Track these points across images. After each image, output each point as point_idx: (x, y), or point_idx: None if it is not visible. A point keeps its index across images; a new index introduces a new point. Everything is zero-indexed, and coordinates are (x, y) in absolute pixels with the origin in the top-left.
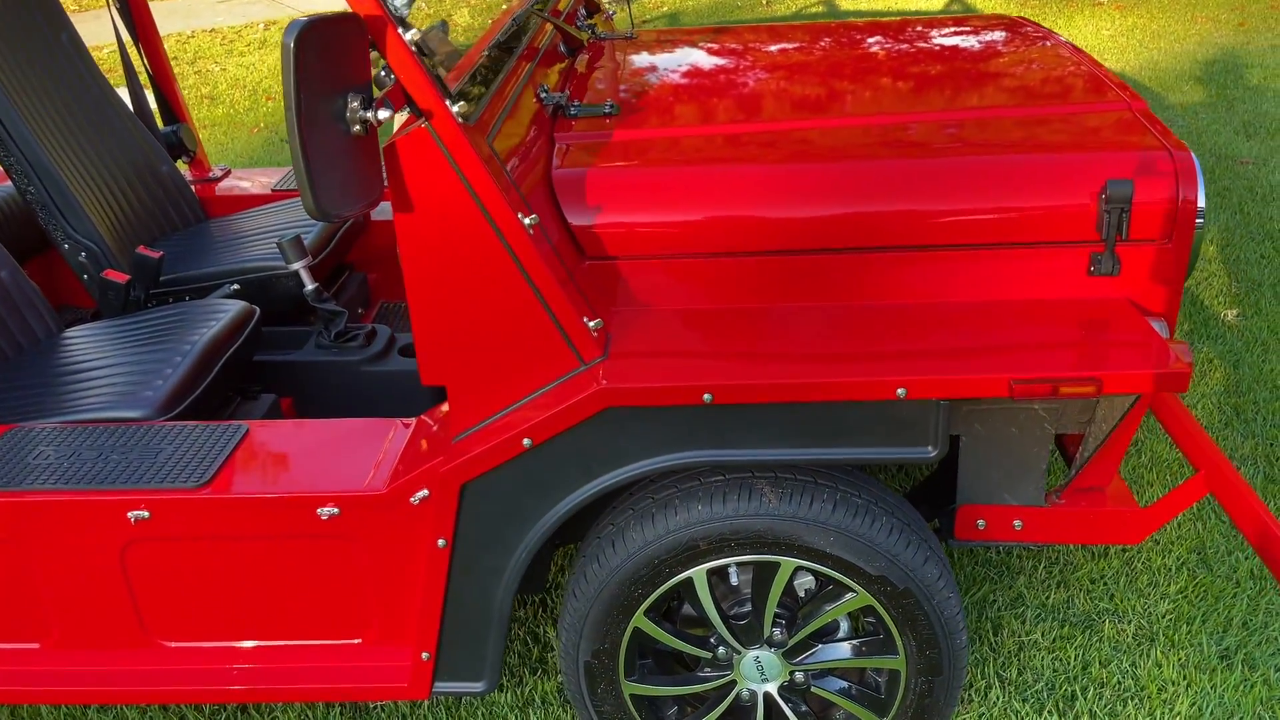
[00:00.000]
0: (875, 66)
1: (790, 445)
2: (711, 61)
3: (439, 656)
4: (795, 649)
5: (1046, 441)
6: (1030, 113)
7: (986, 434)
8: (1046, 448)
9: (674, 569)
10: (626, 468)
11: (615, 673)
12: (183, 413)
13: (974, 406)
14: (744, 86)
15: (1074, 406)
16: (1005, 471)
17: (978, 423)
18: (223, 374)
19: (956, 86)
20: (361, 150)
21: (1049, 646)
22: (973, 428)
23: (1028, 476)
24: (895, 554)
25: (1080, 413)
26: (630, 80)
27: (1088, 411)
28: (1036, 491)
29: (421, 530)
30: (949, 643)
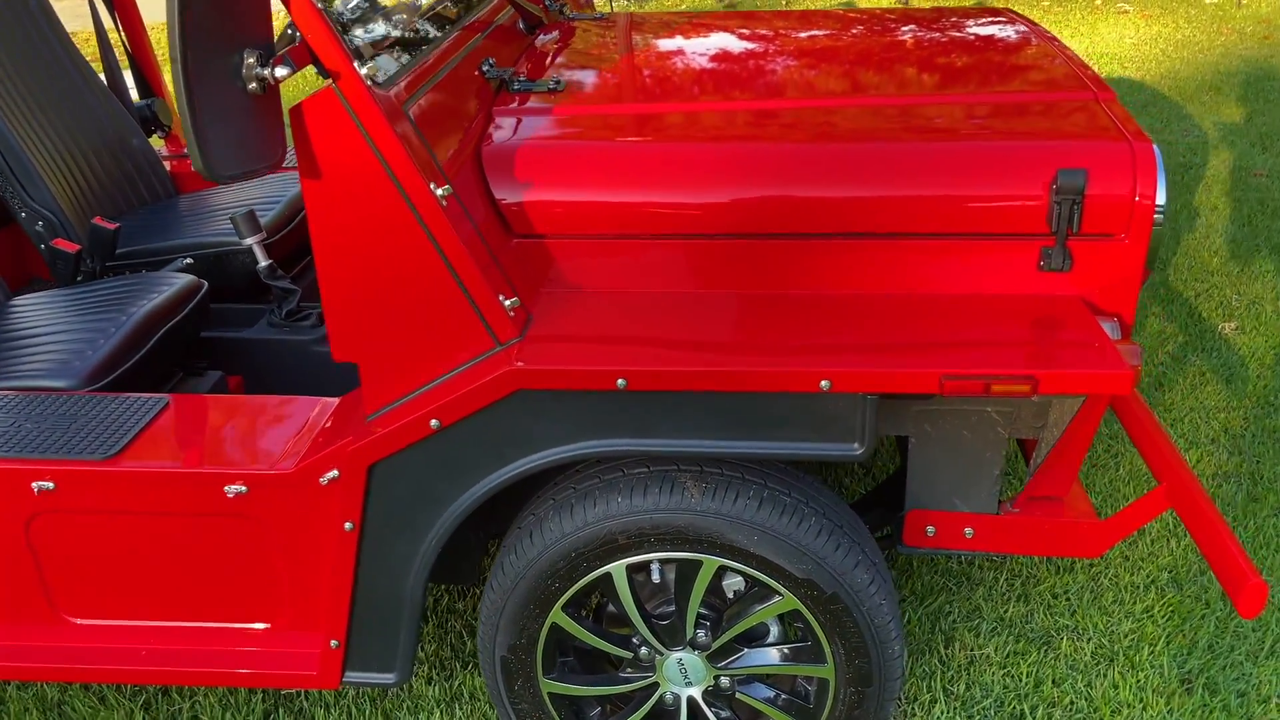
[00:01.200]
0: (832, 51)
1: (710, 436)
2: (675, 44)
3: (349, 645)
4: (720, 652)
5: (1000, 445)
6: (985, 99)
7: (936, 436)
8: (1000, 452)
9: (592, 563)
10: (540, 454)
11: (532, 669)
12: (112, 385)
13: (923, 406)
14: (700, 68)
15: (1028, 409)
16: (956, 476)
17: (927, 424)
18: (161, 347)
19: (912, 71)
20: (260, 109)
21: (1001, 662)
22: (922, 429)
23: (979, 482)
24: (823, 556)
25: (1035, 416)
26: (587, 59)
27: (1043, 415)
28: (989, 498)
29: (330, 512)
30: (880, 652)
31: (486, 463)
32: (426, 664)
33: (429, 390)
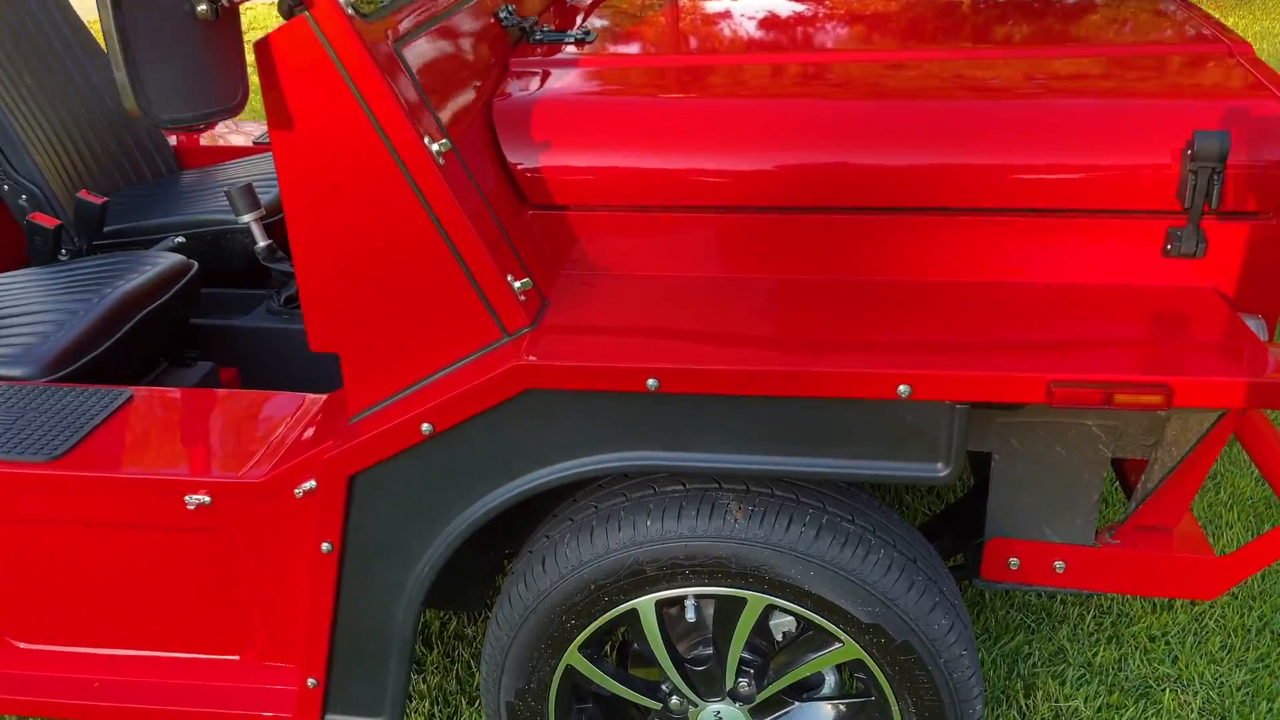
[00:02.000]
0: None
1: (758, 451)
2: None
3: (329, 684)
4: (765, 706)
5: (1101, 466)
6: (1098, 51)
7: (1025, 453)
8: (1100, 474)
9: (615, 597)
10: (554, 467)
11: (544, 716)
12: (79, 374)
13: (1010, 418)
14: (753, 18)
15: (1138, 424)
16: (1047, 500)
17: (1014, 438)
18: (140, 333)
19: (1005, 22)
20: (212, 40)
21: (1093, 717)
22: (1008, 444)
23: (1075, 508)
24: (893, 597)
25: (1146, 433)
26: (623, 13)
27: (1155, 431)
28: (1086, 527)
29: (306, 530)
30: (958, 711)
31: (490, 476)
32: (428, 699)
33: (422, 389)
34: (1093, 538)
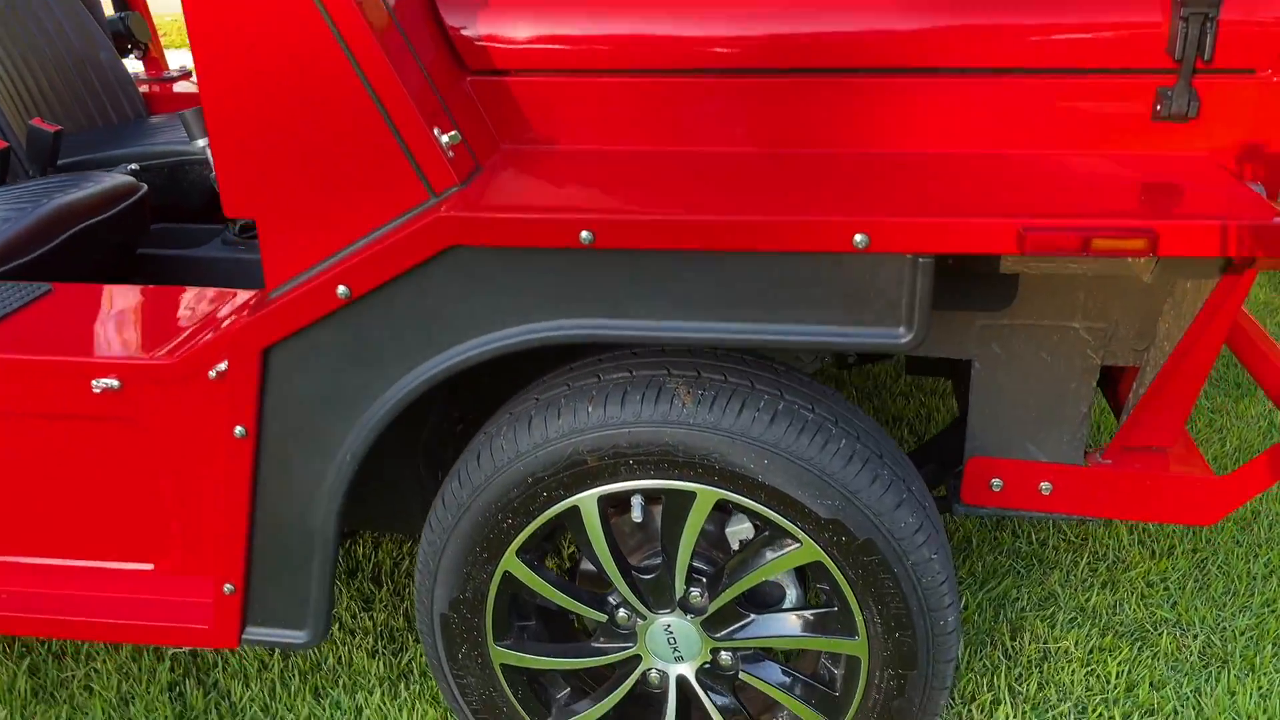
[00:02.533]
0: None
1: (705, 318)
2: None
3: (248, 592)
4: (719, 618)
5: (1089, 374)
6: None
7: (1008, 360)
8: (1090, 383)
9: (555, 493)
10: (482, 338)
11: (480, 632)
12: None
13: (991, 320)
14: None
15: (1128, 324)
16: (1031, 413)
17: (996, 343)
18: (75, 248)
19: None
20: None
21: (1083, 658)
22: (989, 350)
23: (1062, 423)
24: (854, 490)
25: (1138, 336)
26: None
27: (1148, 332)
28: (1074, 444)
29: (221, 415)
30: (929, 623)
31: (413, 350)
32: (373, 635)
33: (344, 258)
34: (1081, 457)
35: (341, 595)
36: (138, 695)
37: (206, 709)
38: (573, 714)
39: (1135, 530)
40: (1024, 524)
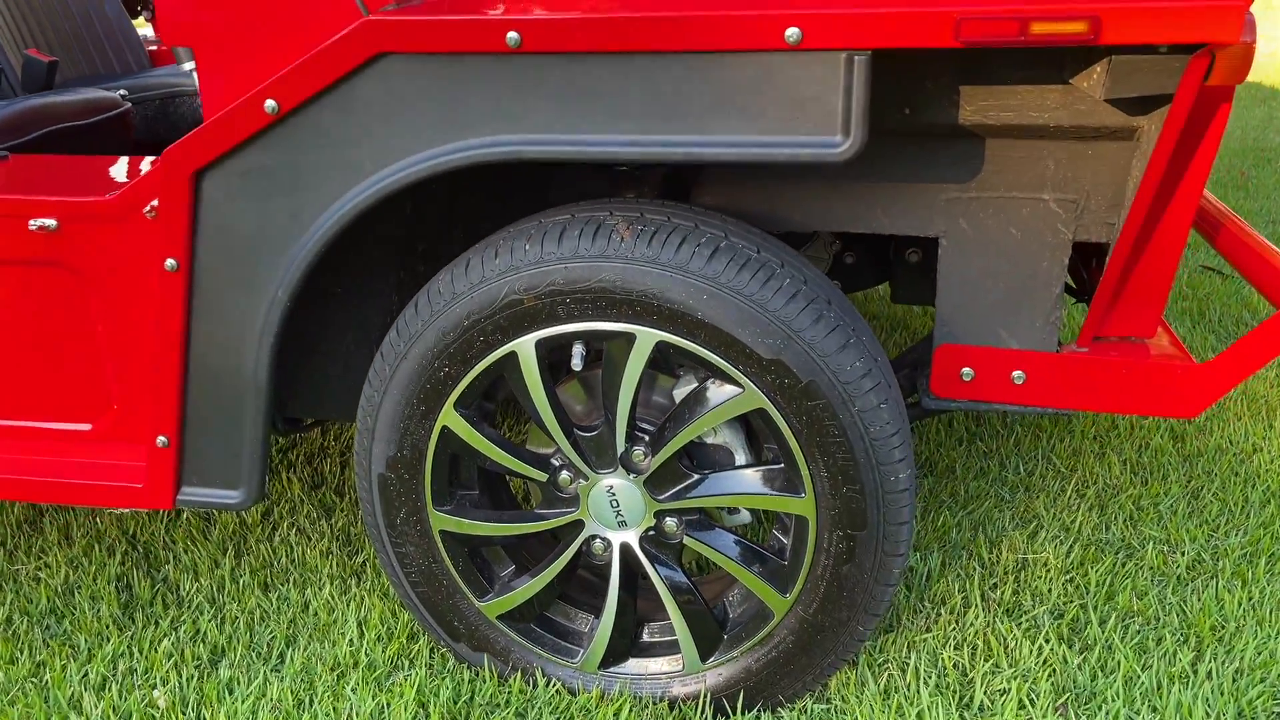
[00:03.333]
0: None
1: (637, 130)
2: None
3: (182, 447)
4: (662, 476)
5: (1061, 251)
6: None
7: (976, 236)
8: (1061, 261)
9: (492, 337)
10: (413, 158)
11: (419, 495)
12: None
13: (958, 193)
14: None
15: (1099, 194)
16: (1003, 296)
17: (963, 218)
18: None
19: None
20: None
21: (1064, 568)
22: (956, 225)
23: (1034, 305)
24: (798, 329)
25: (1109, 208)
26: None
27: (1119, 202)
28: (1047, 330)
29: (154, 252)
30: (878, 478)
31: (343, 173)
32: (328, 537)
33: None
34: (1055, 343)
35: (303, 504)
36: (84, 585)
37: (153, 599)
38: (514, 588)
39: (1128, 460)
40: (1011, 454)
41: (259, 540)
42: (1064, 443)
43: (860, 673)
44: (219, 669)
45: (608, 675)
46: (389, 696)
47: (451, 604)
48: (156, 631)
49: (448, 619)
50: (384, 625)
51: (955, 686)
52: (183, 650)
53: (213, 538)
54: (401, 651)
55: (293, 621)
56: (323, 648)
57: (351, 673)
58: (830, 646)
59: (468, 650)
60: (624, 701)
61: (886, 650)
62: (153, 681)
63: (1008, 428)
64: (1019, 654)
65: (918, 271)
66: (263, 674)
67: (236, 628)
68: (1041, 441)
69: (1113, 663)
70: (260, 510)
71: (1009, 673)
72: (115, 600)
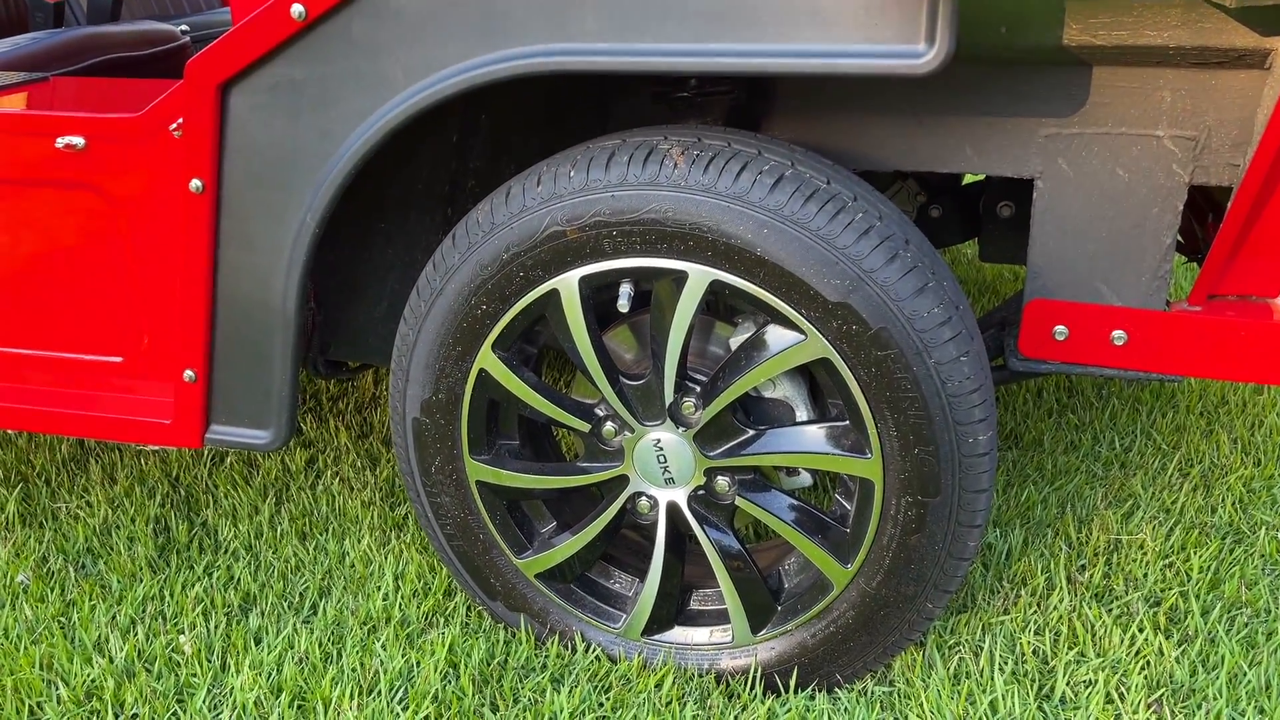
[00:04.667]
0: None
1: (692, 37)
2: None
3: (210, 383)
4: (713, 431)
5: (1176, 198)
6: None
7: (1077, 178)
8: (1176, 209)
9: (532, 273)
10: (448, 69)
11: (455, 442)
12: None
13: (1059, 128)
14: None
15: (1223, 130)
16: (1105, 246)
17: (1063, 157)
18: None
19: None
20: None
21: (1162, 551)
22: (1055, 165)
23: (1142, 257)
24: (869, 268)
25: (1234, 147)
26: None
27: (1245, 142)
28: (1155, 285)
29: (181, 173)
30: (955, 440)
31: (376, 85)
32: (371, 488)
33: None
34: (1164, 301)
35: (349, 453)
36: (123, 525)
37: (189, 543)
38: (554, 546)
39: (1238, 438)
40: (1106, 428)
41: (300, 488)
42: (1166, 418)
43: (928, 654)
44: (249, 617)
45: (651, 643)
46: (419, 655)
47: (488, 559)
48: (190, 575)
49: (484, 575)
50: (420, 580)
51: (1034, 675)
52: (213, 596)
53: (254, 483)
54: (437, 608)
55: (329, 572)
56: (356, 600)
57: (383, 628)
58: (895, 624)
59: (504, 609)
60: (667, 671)
61: (959, 631)
62: (180, 627)
63: (1103, 400)
64: (1108, 642)
65: (1009, 227)
66: (292, 625)
67: (271, 575)
68: (1140, 415)
69: (1215, 657)
70: (305, 458)
71: (1096, 663)
72: (151, 542)
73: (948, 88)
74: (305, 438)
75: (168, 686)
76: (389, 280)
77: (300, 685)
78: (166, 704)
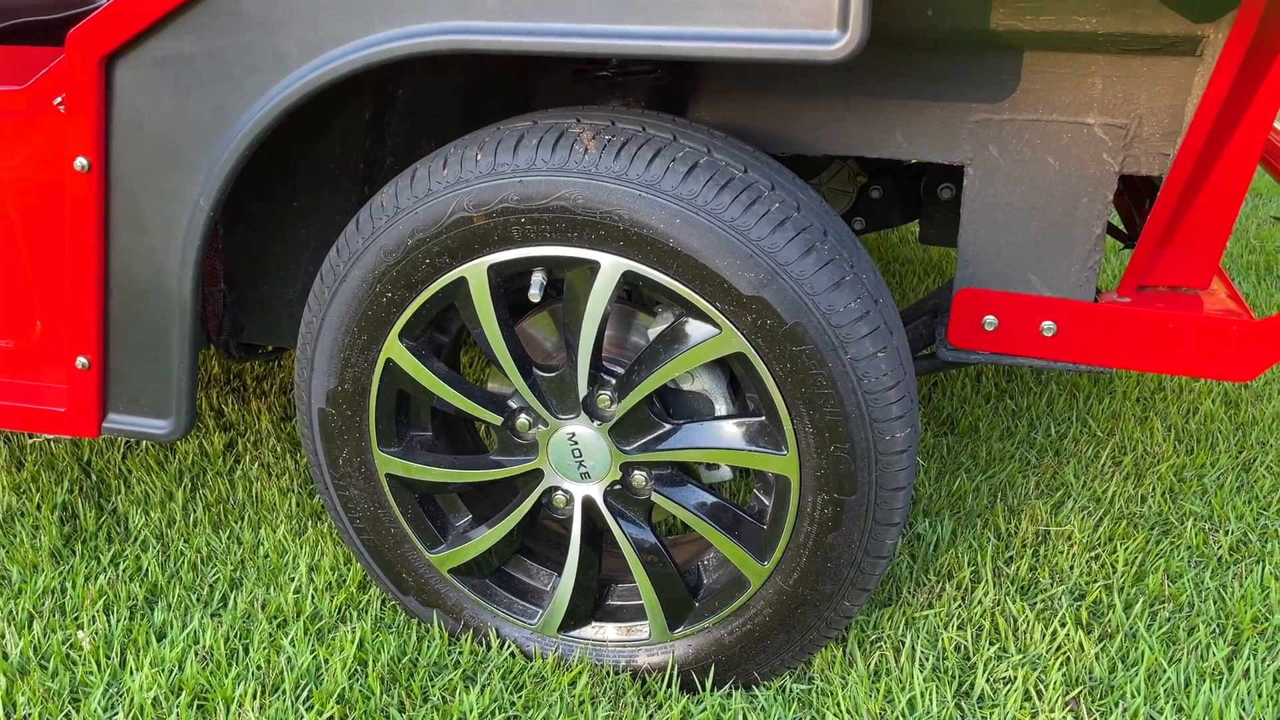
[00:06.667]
0: None
1: (598, 18)
2: None
3: (105, 370)
4: (628, 425)
5: (1105, 187)
6: None
7: (1007, 165)
8: (1106, 199)
9: (438, 260)
10: (346, 46)
11: (363, 433)
12: None
13: (990, 113)
14: None
15: (1154, 118)
16: (1035, 235)
17: (993, 144)
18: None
19: None
20: None
21: (1088, 543)
22: (985, 152)
23: (1071, 247)
24: (784, 262)
25: (1164, 135)
26: None
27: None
28: (1084, 276)
29: (66, 151)
30: (871, 437)
31: (266, 60)
32: (290, 474)
33: None
34: (1092, 291)
35: (269, 438)
36: (28, 512)
37: (96, 532)
38: (469, 540)
39: (1172, 426)
40: (1043, 415)
41: (218, 473)
42: (1103, 404)
43: (849, 650)
44: (154, 611)
45: (567, 639)
46: (328, 651)
47: (399, 554)
48: (95, 566)
49: (395, 570)
50: (335, 573)
51: (955, 671)
52: (117, 589)
53: (170, 468)
54: (350, 601)
55: (241, 563)
56: (268, 593)
57: (293, 622)
58: (812, 622)
59: (417, 605)
60: (583, 669)
61: (881, 626)
62: (81, 621)
63: (1042, 385)
64: (1029, 638)
65: (949, 209)
66: (198, 619)
67: (180, 566)
68: (1078, 402)
69: (1135, 654)
70: (223, 441)
71: (1016, 659)
72: (57, 530)
73: (877, 71)
74: (226, 420)
75: (62, 685)
76: (303, 260)
77: (202, 684)
78: (60, 704)
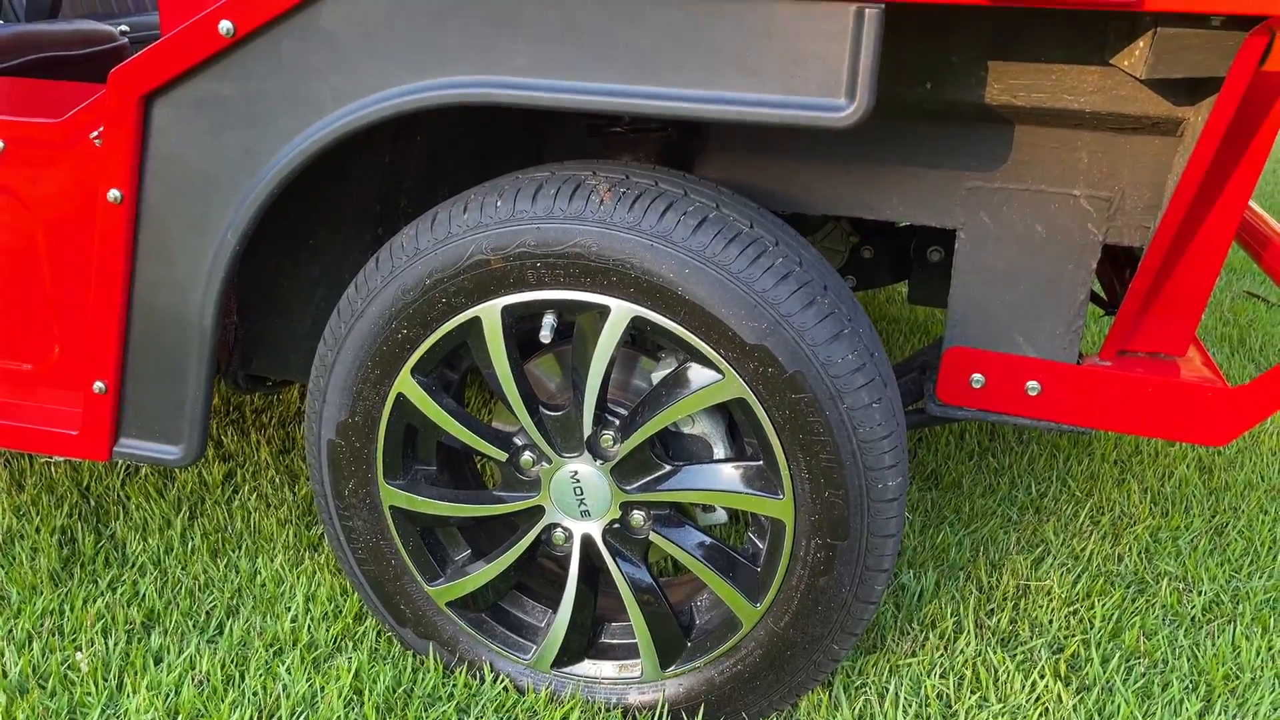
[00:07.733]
0: None
1: (620, 79)
2: None
3: (121, 395)
4: (630, 465)
5: (1090, 255)
6: None
7: (998, 231)
8: (1090, 266)
9: (455, 300)
10: (378, 94)
11: (370, 465)
12: None
13: (982, 182)
14: None
15: (1136, 193)
16: (1023, 298)
17: (985, 211)
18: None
19: None
20: None
21: (1067, 598)
22: (977, 218)
23: (1057, 311)
24: (786, 313)
25: (1146, 209)
26: None
27: (1157, 201)
28: (1068, 338)
29: (100, 183)
30: (864, 485)
31: (303, 105)
32: (288, 505)
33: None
34: (1075, 354)
35: (268, 469)
36: (27, 535)
37: (95, 556)
38: (468, 574)
39: (1149, 488)
40: (1024, 473)
41: (216, 503)
42: (1082, 465)
43: (835, 694)
44: (151, 635)
45: (560, 675)
46: (324, 680)
47: (399, 586)
48: (93, 590)
49: (394, 601)
50: (331, 603)
51: (937, 718)
52: (115, 612)
53: (169, 496)
54: (346, 631)
55: (238, 591)
56: (265, 621)
57: (290, 651)
58: (801, 665)
59: (414, 637)
60: (574, 705)
61: (866, 672)
62: (79, 643)
63: (1023, 444)
64: (1009, 688)
65: (938, 271)
66: (195, 644)
67: (178, 593)
68: (1058, 462)
69: (1111, 706)
70: (223, 471)
71: (996, 708)
72: (56, 553)
73: (876, 138)
74: (225, 450)
75: (61, 705)
76: (315, 296)
77: (199, 708)
78: None
